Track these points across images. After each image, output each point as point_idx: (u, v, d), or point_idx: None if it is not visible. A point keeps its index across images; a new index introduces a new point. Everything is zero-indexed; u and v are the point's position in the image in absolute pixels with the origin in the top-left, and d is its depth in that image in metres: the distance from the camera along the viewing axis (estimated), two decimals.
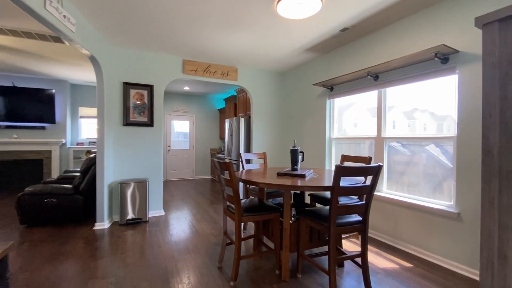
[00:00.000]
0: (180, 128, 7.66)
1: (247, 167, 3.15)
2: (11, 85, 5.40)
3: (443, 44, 2.17)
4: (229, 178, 2.07)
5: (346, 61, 3.54)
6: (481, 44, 1.94)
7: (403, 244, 2.76)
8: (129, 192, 3.52)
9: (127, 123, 3.75)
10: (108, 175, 3.51)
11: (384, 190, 3.09)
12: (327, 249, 2.66)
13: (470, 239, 2.22)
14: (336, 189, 1.76)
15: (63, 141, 5.80)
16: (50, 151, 5.72)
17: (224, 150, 6.93)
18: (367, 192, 1.91)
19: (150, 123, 3.90)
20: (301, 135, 4.42)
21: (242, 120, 4.89)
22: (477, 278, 2.15)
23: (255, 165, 3.30)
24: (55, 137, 5.81)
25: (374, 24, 2.92)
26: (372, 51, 3.15)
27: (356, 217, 2.00)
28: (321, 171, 2.75)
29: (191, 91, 7.07)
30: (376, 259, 2.53)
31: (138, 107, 3.81)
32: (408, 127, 2.95)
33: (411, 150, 2.89)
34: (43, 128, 5.69)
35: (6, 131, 5.41)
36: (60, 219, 3.48)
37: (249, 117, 5.07)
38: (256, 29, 3.07)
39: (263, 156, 3.40)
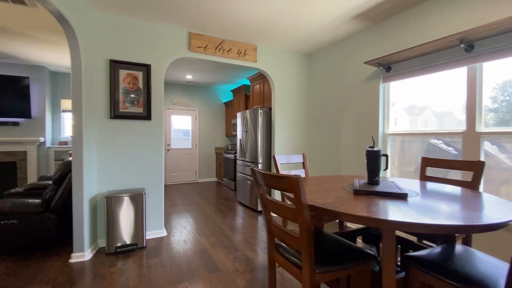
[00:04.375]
0: (179, 124, 6.69)
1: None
2: None
3: None
4: (293, 206, 1.15)
5: (409, 30, 2.62)
6: None
7: None
8: (119, 209, 2.59)
9: (116, 115, 2.79)
10: (90, 186, 2.57)
11: None
12: None
13: None
14: None
15: (41, 139, 4.81)
16: (25, 152, 4.73)
17: (233, 150, 6.00)
18: None
19: (146, 116, 2.95)
20: (339, 130, 3.50)
21: (260, 113, 3.95)
22: None
23: (293, 172, 2.38)
24: (31, 135, 4.82)
25: None
26: (456, 11, 2.24)
27: None
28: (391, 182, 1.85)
29: (193, 80, 6.11)
30: None
31: (130, 94, 2.85)
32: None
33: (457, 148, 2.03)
34: (16, 124, 4.70)
35: None
36: (25, 247, 2.53)
37: (270, 108, 4.15)
38: None
39: (303, 159, 2.48)
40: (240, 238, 2.97)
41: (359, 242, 2.02)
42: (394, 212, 1.11)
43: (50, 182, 3.27)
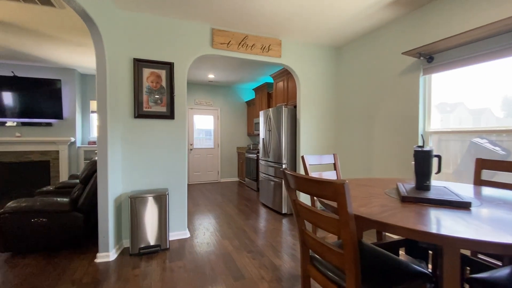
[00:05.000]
0: (202, 124, 6.69)
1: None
2: (10, 74, 4.65)
3: None
4: (335, 216, 0.99)
5: (455, 15, 2.32)
6: None
7: None
8: (143, 209, 2.55)
9: (140, 114, 2.77)
10: (114, 185, 2.56)
11: None
12: None
13: None
14: None
15: (72, 139, 5.00)
16: (58, 151, 4.94)
17: (255, 149, 5.87)
18: None
19: (170, 115, 2.90)
20: (371, 128, 3.24)
21: (284, 111, 3.78)
22: None
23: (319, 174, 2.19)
24: (63, 135, 5.03)
25: None
26: None
27: None
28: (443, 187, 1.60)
29: (216, 80, 6.06)
30: None
31: (153, 93, 2.82)
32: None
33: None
34: (49, 124, 4.92)
35: (7, 129, 4.68)
36: (53, 245, 2.57)
37: (294, 106, 3.96)
38: None
39: (335, 159, 2.28)
40: (265, 242, 2.83)
41: (402, 255, 1.79)
42: (462, 226, 0.91)
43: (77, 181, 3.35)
